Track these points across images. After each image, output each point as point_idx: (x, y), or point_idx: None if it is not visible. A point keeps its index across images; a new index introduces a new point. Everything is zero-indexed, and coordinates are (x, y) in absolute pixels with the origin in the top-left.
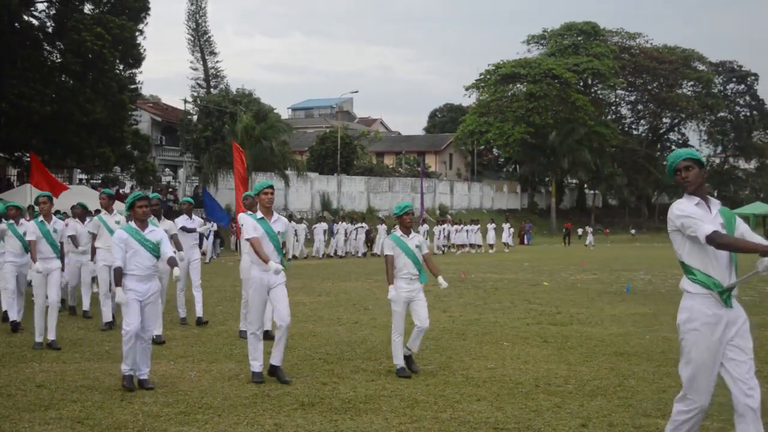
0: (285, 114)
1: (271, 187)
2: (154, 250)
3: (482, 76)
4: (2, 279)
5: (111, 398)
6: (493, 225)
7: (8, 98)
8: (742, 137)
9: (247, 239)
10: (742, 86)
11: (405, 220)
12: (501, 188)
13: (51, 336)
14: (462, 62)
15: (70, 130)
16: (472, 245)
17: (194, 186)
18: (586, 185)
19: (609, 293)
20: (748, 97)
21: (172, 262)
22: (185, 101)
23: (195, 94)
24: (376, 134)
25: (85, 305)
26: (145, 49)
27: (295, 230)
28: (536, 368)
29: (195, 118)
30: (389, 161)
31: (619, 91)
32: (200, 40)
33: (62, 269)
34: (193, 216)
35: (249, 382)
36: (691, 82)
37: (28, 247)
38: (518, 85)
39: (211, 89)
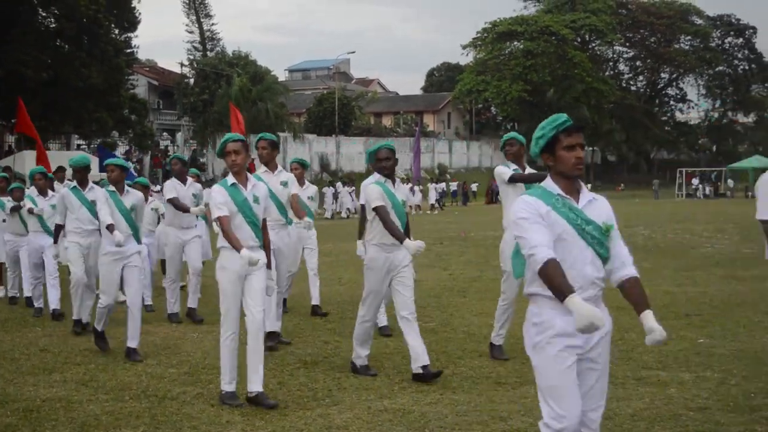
0: (282, 76)
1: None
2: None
3: (479, 35)
4: (66, 260)
5: (114, 361)
6: (477, 184)
7: (4, 64)
8: (741, 91)
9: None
10: (740, 40)
11: None
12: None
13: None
14: (459, 21)
15: (66, 96)
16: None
17: (192, 150)
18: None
19: None
20: (746, 51)
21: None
22: (182, 65)
23: (191, 57)
24: (374, 95)
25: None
26: (140, 13)
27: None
28: None
29: (192, 81)
30: (387, 121)
31: (616, 47)
32: (195, 3)
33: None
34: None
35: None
36: (689, 37)
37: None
38: (515, 43)
39: (208, 52)
